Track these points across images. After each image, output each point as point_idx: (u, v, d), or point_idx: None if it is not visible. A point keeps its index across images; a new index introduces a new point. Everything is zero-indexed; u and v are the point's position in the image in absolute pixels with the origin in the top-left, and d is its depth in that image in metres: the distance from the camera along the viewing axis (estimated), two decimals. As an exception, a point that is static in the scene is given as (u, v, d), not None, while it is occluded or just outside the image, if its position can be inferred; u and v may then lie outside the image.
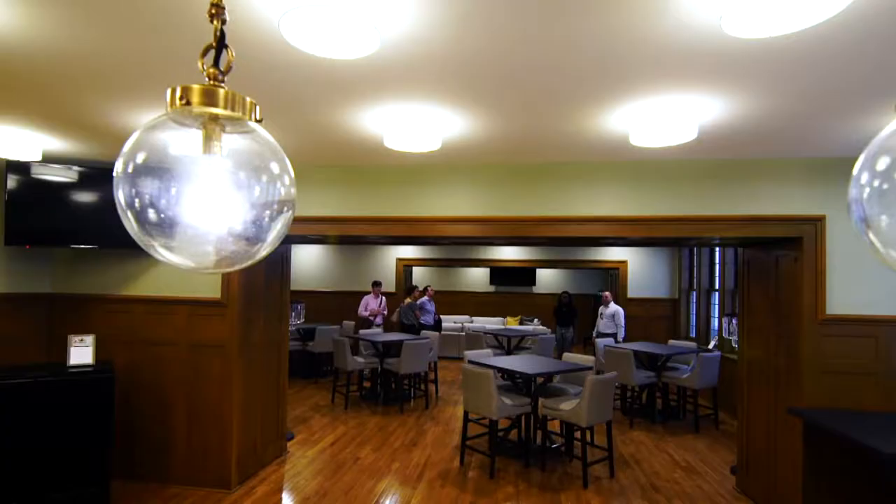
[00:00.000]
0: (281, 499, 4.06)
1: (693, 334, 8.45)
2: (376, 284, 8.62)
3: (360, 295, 9.15)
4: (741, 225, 3.64)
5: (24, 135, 3.37)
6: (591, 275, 15.09)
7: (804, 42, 1.85)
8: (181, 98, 0.69)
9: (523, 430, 5.19)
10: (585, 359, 5.37)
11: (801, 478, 3.51)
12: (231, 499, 4.01)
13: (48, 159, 3.91)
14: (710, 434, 6.04)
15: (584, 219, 3.83)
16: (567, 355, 5.73)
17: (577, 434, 5.01)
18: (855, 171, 0.64)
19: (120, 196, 0.68)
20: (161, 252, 0.71)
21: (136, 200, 0.67)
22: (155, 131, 0.70)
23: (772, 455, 3.88)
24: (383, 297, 8.68)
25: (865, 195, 0.61)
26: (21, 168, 3.83)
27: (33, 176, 3.88)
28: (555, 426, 5.79)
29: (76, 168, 4.00)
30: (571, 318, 9.73)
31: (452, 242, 5.48)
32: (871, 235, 0.63)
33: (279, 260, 4.91)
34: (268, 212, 0.75)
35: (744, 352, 4.36)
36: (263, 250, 0.78)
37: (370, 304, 8.54)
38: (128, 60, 2.15)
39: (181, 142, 0.72)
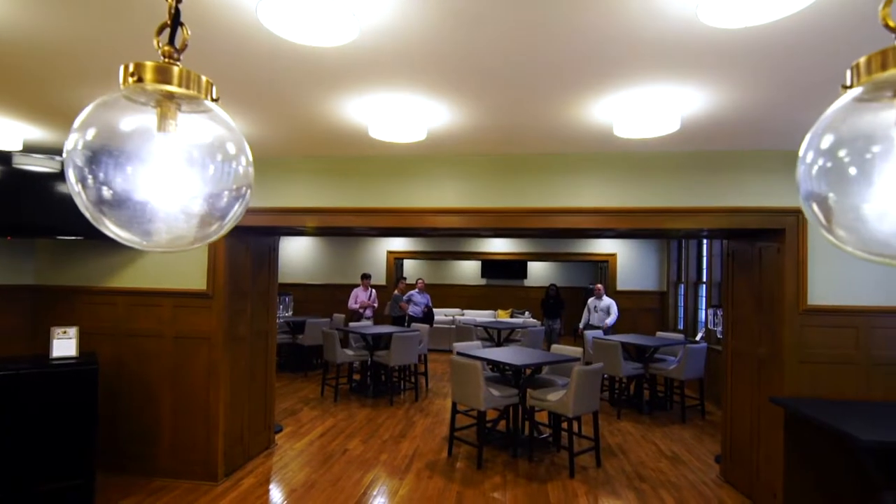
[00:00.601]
0: (268, 491, 4.07)
1: (681, 326, 8.52)
2: (365, 277, 8.61)
3: (350, 287, 9.14)
4: (724, 216, 3.67)
5: (3, 124, 3.32)
6: (582, 268, 15.17)
7: (781, 33, 1.86)
8: (133, 75, 0.68)
9: (511, 421, 5.22)
10: (573, 350, 5.40)
11: (782, 465, 3.56)
12: (217, 491, 4.01)
13: (30, 149, 3.86)
14: (696, 424, 6.10)
15: (570, 210, 3.85)
16: (555, 347, 5.76)
17: (565, 425, 5.05)
18: (801, 150, 0.65)
19: (70, 172, 0.67)
20: (112, 229, 0.70)
21: (88, 177, 0.67)
22: (107, 108, 0.69)
23: (754, 444, 3.93)
24: (373, 290, 8.68)
25: (813, 173, 0.62)
26: (2, 158, 3.78)
27: (15, 166, 3.83)
28: (543, 417, 5.83)
29: (59, 158, 3.96)
30: (559, 309, 9.91)
31: (440, 234, 5.49)
32: (817, 211, 0.63)
33: (266, 251, 4.89)
34: (224, 192, 0.75)
35: (728, 342, 4.41)
36: (219, 231, 0.78)
37: (360, 297, 8.53)
38: (102, 46, 2.12)
39: (134, 119, 0.71)
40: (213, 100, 0.75)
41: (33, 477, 3.43)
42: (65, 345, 3.70)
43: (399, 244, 10.52)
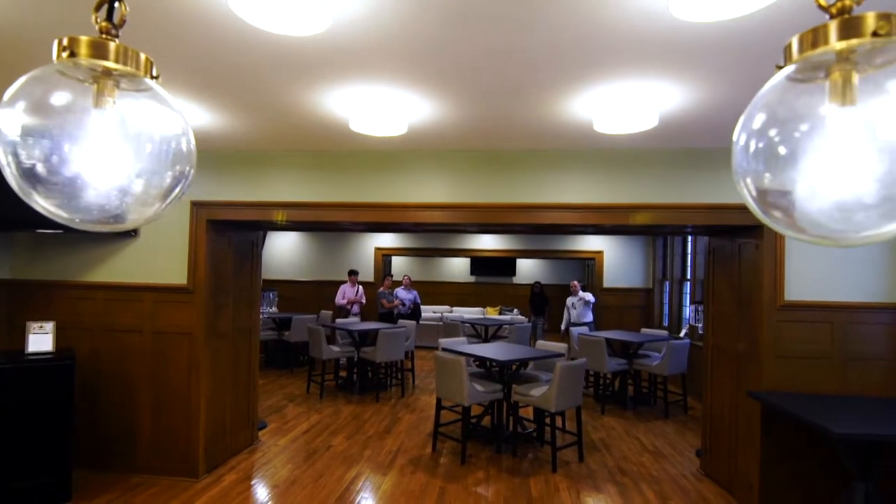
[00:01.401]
0: (249, 487, 4.04)
1: (666, 323, 8.59)
2: (352, 273, 8.58)
3: (337, 284, 9.11)
4: (705, 213, 3.70)
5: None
6: (571, 265, 15.23)
7: (753, 28, 1.87)
8: (66, 49, 0.67)
9: (496, 416, 5.23)
10: (558, 346, 5.42)
11: (758, 458, 3.60)
12: (198, 487, 3.98)
13: None
14: (678, 419, 6.16)
15: (553, 206, 3.86)
16: (540, 343, 5.78)
17: (549, 420, 5.07)
18: (735, 130, 0.65)
19: (-1, 145, 0.66)
20: (41, 203, 0.69)
21: (20, 151, 0.65)
22: (39, 82, 0.68)
23: (733, 438, 3.98)
24: (360, 287, 8.65)
25: (745, 152, 0.62)
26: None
27: (-11, 158, 3.77)
28: (529, 413, 5.85)
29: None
30: (543, 306, 10.08)
31: (426, 230, 5.48)
32: (750, 189, 0.64)
33: (249, 246, 4.86)
34: (163, 172, 0.73)
35: (708, 338, 4.45)
36: (159, 211, 0.77)
37: (347, 293, 8.51)
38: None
39: (68, 94, 0.70)
40: (152, 77, 0.73)
41: (7, 473, 3.38)
42: (41, 340, 3.65)
43: (387, 241, 10.49)
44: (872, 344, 3.55)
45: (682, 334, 7.61)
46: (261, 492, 3.97)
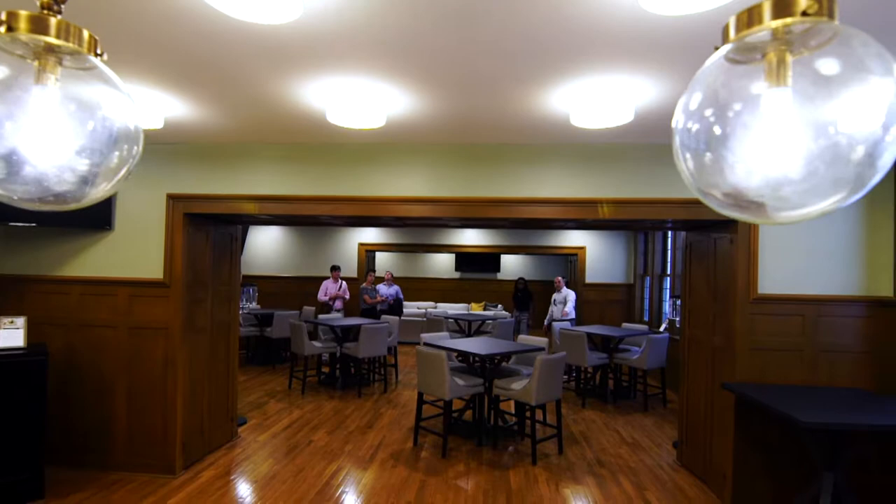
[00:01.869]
0: (227, 482, 4.01)
1: (646, 318, 8.69)
2: (335, 269, 8.55)
3: (320, 280, 9.06)
4: (681, 208, 3.75)
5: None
6: (555, 261, 15.32)
7: (722, 22, 1.90)
8: (3, 24, 0.65)
9: (478, 410, 5.25)
10: (539, 340, 5.46)
11: (732, 448, 3.67)
12: (175, 484, 3.94)
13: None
14: (657, 412, 6.25)
15: (532, 200, 3.88)
16: (522, 337, 5.82)
17: (529, 413, 5.11)
18: (676, 110, 0.67)
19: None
20: None
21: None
22: (-24, 57, 0.66)
23: (708, 429, 4.05)
24: (343, 282, 8.62)
25: (683, 130, 0.63)
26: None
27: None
28: (510, 407, 5.88)
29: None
30: (527, 302, 10.14)
31: (406, 224, 5.47)
32: (690, 166, 0.65)
33: (228, 240, 4.80)
34: (107, 150, 0.72)
35: (685, 331, 4.52)
36: (101, 191, 0.76)
37: (330, 289, 8.47)
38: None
39: (6, 69, 0.68)
40: (97, 55, 0.72)
41: (-23, 471, 3.31)
42: (11, 335, 3.58)
43: (371, 236, 10.46)
44: (841, 336, 3.64)
45: (661, 329, 7.71)
46: (239, 487, 3.94)
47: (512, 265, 15.55)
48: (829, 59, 0.58)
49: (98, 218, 4.08)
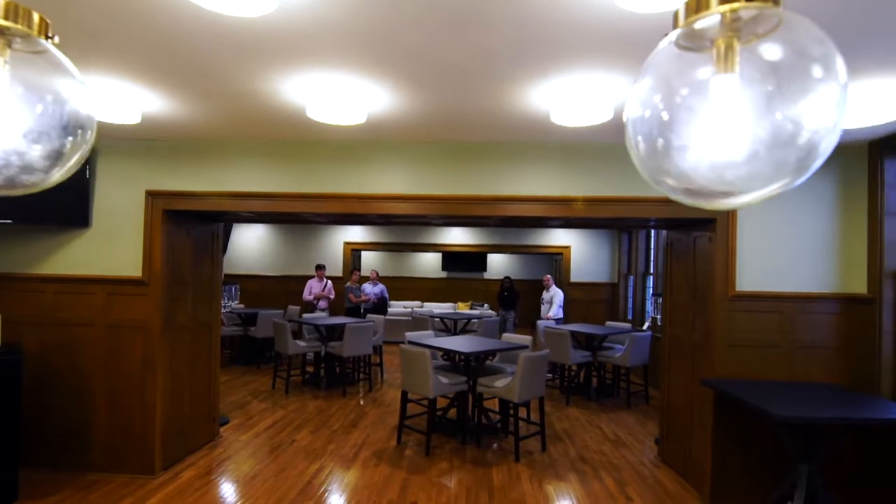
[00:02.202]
0: (208, 483, 3.97)
1: (630, 316, 8.77)
2: (320, 268, 8.50)
3: (305, 279, 9.03)
4: (661, 206, 3.79)
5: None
6: (540, 260, 15.39)
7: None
8: (-51, 4, 0.64)
9: (462, 409, 5.26)
10: (523, 338, 5.48)
11: (711, 444, 3.72)
12: (154, 484, 3.89)
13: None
14: (640, 409, 6.31)
15: (515, 198, 3.89)
16: (506, 335, 5.84)
17: (512, 411, 5.13)
18: (628, 95, 0.67)
19: None
20: None
21: None
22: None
23: (688, 425, 4.09)
24: (328, 281, 8.58)
25: (633, 113, 0.64)
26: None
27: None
28: (495, 405, 5.90)
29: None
30: (513, 301, 10.19)
31: (390, 222, 5.46)
32: (641, 148, 0.66)
33: (209, 238, 4.75)
34: (57, 135, 0.71)
35: (666, 329, 4.57)
36: (53, 176, 0.74)
37: (314, 288, 8.42)
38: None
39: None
40: (47, 38, 0.71)
41: (-52, 473, 3.24)
42: (-16, 333, 3.50)
43: (356, 235, 10.42)
44: (817, 333, 3.70)
45: (645, 327, 7.79)
46: (219, 487, 3.90)
47: (499, 265, 15.60)
48: (775, 46, 0.59)
49: (75, 215, 4.02)
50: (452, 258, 15.22)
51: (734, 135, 0.59)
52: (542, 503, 3.72)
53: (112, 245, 4.06)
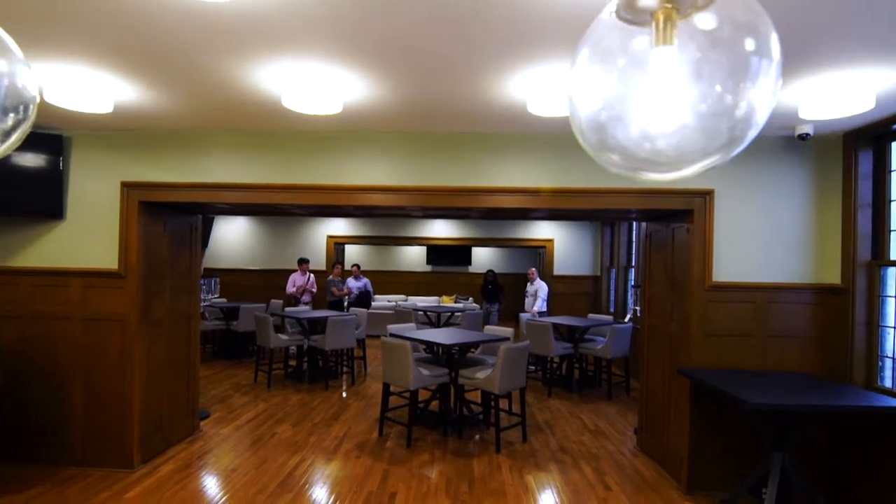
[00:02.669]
0: (188, 475, 3.94)
1: (612, 309, 8.85)
2: (302, 262, 8.46)
3: (288, 273, 8.96)
4: (641, 198, 3.82)
5: None
6: (524, 254, 15.46)
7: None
8: None
9: (443, 401, 5.27)
10: (504, 331, 5.51)
11: (688, 432, 3.78)
12: (133, 478, 3.85)
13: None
14: (621, 400, 6.38)
15: (495, 189, 3.90)
16: (488, 328, 5.86)
17: (494, 402, 5.15)
18: (570, 64, 0.68)
19: None
20: None
21: None
22: None
23: (666, 414, 4.15)
24: (311, 275, 8.53)
25: (573, 82, 0.65)
26: None
27: None
28: (478, 397, 5.92)
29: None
30: (497, 294, 10.27)
31: (370, 214, 5.45)
32: (578, 131, 0.66)
33: (187, 230, 4.69)
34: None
35: (645, 319, 4.62)
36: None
37: (297, 282, 8.37)
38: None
39: None
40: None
41: (-83, 468, 3.17)
42: (-46, 327, 3.43)
43: (339, 228, 10.35)
44: (791, 322, 3.77)
45: (626, 319, 7.86)
46: (199, 480, 3.87)
47: (484, 258, 15.63)
48: (712, 17, 0.59)
49: (49, 207, 3.94)
50: (437, 252, 15.23)
51: (670, 106, 0.59)
52: (522, 493, 3.75)
53: (88, 237, 3.99)
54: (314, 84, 2.84)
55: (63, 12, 2.09)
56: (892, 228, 3.56)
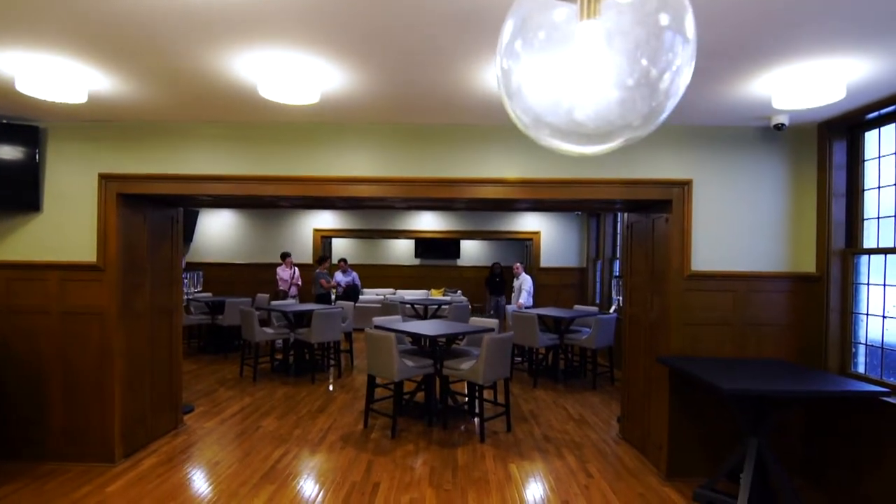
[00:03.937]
0: (170, 469, 3.93)
1: (598, 300, 8.92)
2: (285, 256, 8.43)
3: (275, 266, 8.93)
4: (621, 188, 3.85)
5: None
6: (514, 246, 15.50)
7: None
8: None
9: (429, 391, 5.30)
10: (489, 322, 5.54)
11: (667, 419, 3.83)
12: (114, 472, 3.83)
13: None
14: (605, 390, 6.45)
15: (478, 181, 3.90)
16: (473, 319, 5.89)
17: (478, 392, 5.19)
18: (497, 53, 0.69)
19: None
20: None
21: None
22: None
23: (646, 403, 4.21)
24: (296, 269, 8.50)
25: (500, 54, 0.65)
26: None
27: None
28: (463, 388, 5.96)
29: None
30: (503, 286, 10.52)
31: (354, 206, 5.42)
32: (508, 106, 0.67)
33: (167, 223, 4.65)
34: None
35: (626, 310, 4.66)
36: None
37: (283, 276, 8.35)
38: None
39: None
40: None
41: None
42: (-73, 321, 3.37)
43: (326, 222, 10.30)
44: (768, 310, 3.83)
45: (612, 310, 7.93)
46: (181, 473, 3.86)
47: (472, 251, 15.66)
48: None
49: (25, 199, 3.88)
50: (425, 245, 15.22)
51: (594, 79, 0.60)
52: (505, 481, 3.79)
53: (65, 230, 3.94)
54: (290, 73, 2.82)
55: (34, 0, 2.06)
56: (864, 217, 3.63)
